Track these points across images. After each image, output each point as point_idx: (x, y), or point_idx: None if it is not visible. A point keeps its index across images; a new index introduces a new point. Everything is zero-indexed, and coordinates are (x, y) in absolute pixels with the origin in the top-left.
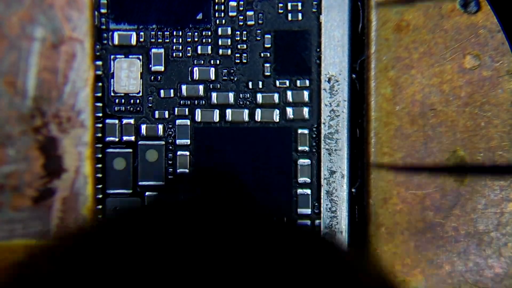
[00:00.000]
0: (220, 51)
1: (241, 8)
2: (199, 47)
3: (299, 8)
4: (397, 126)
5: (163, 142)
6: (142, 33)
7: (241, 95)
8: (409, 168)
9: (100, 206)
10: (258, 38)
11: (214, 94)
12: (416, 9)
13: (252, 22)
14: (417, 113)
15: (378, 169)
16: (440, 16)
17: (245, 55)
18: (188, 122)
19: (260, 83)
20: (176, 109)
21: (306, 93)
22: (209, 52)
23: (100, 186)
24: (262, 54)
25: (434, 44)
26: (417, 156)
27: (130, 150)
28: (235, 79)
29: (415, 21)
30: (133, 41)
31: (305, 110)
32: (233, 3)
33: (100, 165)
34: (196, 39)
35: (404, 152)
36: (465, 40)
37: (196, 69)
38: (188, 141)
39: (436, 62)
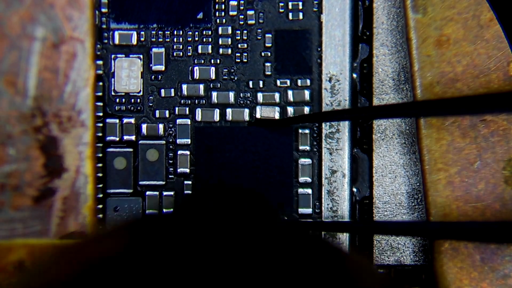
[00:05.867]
0: (221, 51)
1: (241, 8)
2: (199, 47)
3: (300, 7)
4: (449, 141)
5: (163, 142)
6: (142, 33)
7: (241, 94)
8: (465, 181)
9: (100, 206)
10: (259, 38)
11: (214, 94)
12: (454, 23)
13: (253, 22)
14: (467, 126)
15: (434, 185)
16: (480, 27)
17: (245, 54)
18: (188, 121)
19: (261, 82)
20: (176, 108)
21: (307, 93)
22: (210, 51)
23: (100, 185)
24: (262, 54)
25: (477, 55)
26: (472, 169)
27: (131, 149)
28: (236, 78)
29: (454, 35)
30: (134, 41)
31: (306, 110)
32: (234, 3)
33: (100, 165)
34: (196, 39)
35: (459, 166)
36: (507, 47)
37: (196, 68)
38: (188, 141)
39: (480, 73)
